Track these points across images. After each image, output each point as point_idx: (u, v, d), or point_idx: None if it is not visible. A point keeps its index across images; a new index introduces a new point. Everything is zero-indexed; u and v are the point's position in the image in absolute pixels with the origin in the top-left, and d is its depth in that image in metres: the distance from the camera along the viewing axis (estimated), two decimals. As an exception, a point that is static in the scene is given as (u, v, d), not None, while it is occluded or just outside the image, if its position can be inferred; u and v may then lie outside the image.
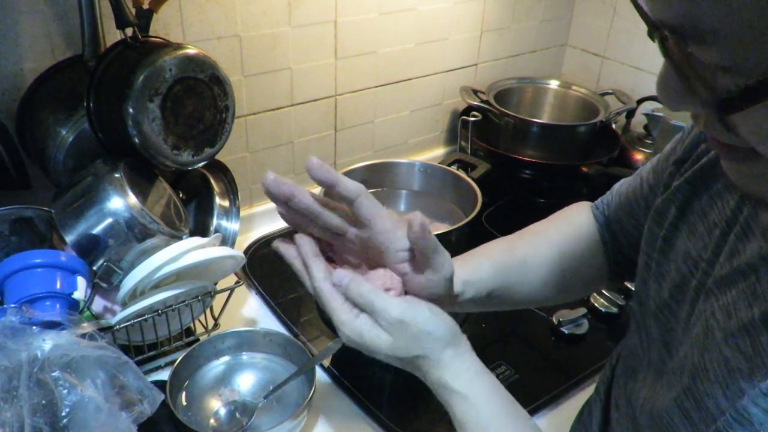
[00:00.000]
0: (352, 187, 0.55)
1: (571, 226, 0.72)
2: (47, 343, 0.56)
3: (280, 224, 1.19)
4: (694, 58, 0.32)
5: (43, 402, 0.53)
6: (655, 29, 0.33)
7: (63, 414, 0.53)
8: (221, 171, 1.04)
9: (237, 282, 0.89)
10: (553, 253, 0.68)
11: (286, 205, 0.58)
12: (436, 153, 1.43)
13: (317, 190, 1.04)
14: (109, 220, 0.77)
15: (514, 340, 0.95)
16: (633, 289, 0.67)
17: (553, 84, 1.45)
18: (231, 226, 1.04)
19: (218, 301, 0.88)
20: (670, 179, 0.57)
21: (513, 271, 0.67)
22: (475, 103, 1.32)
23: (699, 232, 0.51)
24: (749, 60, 0.30)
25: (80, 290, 0.75)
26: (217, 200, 1.03)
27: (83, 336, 0.61)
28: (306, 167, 0.55)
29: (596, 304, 0.99)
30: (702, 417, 0.42)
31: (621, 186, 0.70)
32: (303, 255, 0.57)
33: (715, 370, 0.42)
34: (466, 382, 0.55)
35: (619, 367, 0.63)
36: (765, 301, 0.40)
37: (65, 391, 0.54)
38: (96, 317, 0.78)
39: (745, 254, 0.44)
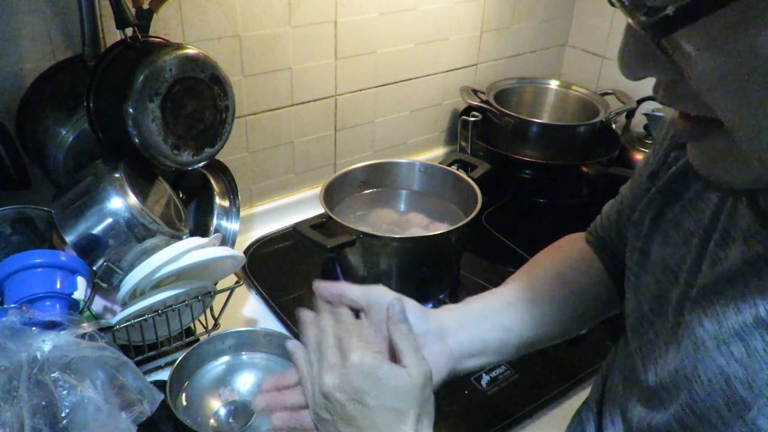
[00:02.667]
0: (359, 297, 0.64)
1: (570, 260, 0.71)
2: (46, 344, 0.56)
3: (280, 224, 1.20)
4: None
5: (43, 403, 0.53)
6: None
7: (63, 415, 0.53)
8: (221, 171, 1.04)
9: (237, 282, 0.89)
10: (559, 292, 0.68)
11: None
12: (436, 153, 1.43)
13: (317, 190, 1.04)
14: (109, 220, 0.77)
15: (514, 340, 0.95)
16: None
17: (553, 84, 1.45)
18: (231, 226, 1.04)
19: (218, 301, 0.88)
20: (645, 193, 0.57)
21: (523, 323, 0.66)
22: (475, 103, 1.32)
23: (674, 242, 0.50)
24: None
25: (80, 290, 0.75)
26: (217, 200, 1.03)
27: (83, 336, 0.61)
28: (314, 289, 0.65)
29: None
30: (707, 431, 0.41)
31: (608, 208, 0.70)
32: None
33: (711, 381, 0.41)
34: None
35: (610, 380, 0.62)
36: (755, 305, 0.39)
37: (65, 392, 0.54)
38: (96, 317, 0.78)
39: (728, 261, 0.43)
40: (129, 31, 0.81)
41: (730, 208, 0.45)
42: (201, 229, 1.02)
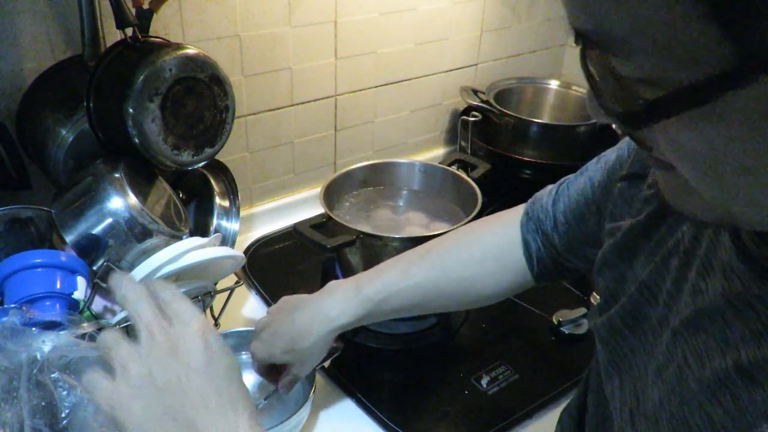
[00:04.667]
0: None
1: (493, 228, 0.75)
2: (46, 344, 0.56)
3: (280, 224, 1.20)
4: (616, 71, 0.30)
5: (43, 404, 0.53)
6: (577, 37, 0.31)
7: (63, 415, 0.53)
8: (221, 171, 1.04)
9: (237, 282, 0.88)
10: (474, 254, 0.73)
11: None
12: (436, 153, 1.43)
13: (317, 190, 1.04)
14: (109, 220, 0.77)
15: (514, 340, 0.95)
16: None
17: (553, 84, 1.45)
18: (231, 226, 1.04)
19: (218, 301, 0.88)
20: (620, 196, 0.56)
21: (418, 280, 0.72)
22: (475, 103, 1.32)
23: (654, 259, 0.49)
24: (657, 74, 0.28)
25: (80, 290, 0.75)
26: (217, 200, 1.03)
27: (83, 336, 0.61)
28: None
29: (596, 304, 0.99)
30: None
31: (567, 187, 0.69)
32: None
33: (698, 424, 0.39)
34: None
35: (590, 395, 0.62)
36: (736, 350, 0.38)
37: (64, 393, 0.54)
38: (96, 317, 0.78)
39: (708, 294, 0.41)
40: (129, 31, 0.81)
41: (712, 234, 0.43)
42: (201, 229, 1.02)
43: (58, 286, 0.73)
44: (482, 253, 0.73)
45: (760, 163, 0.29)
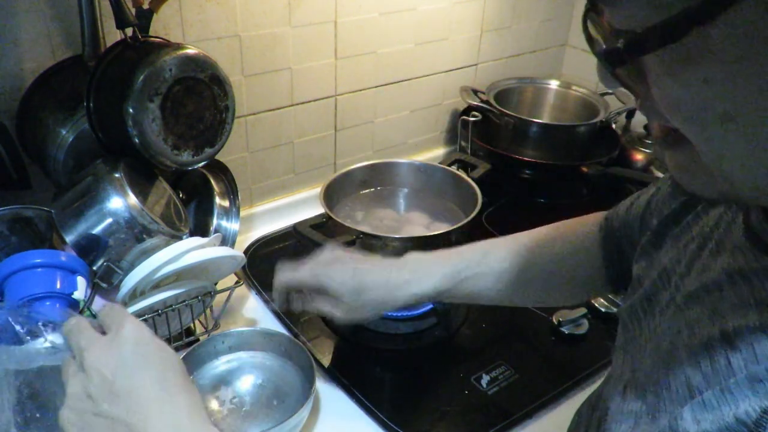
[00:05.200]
0: (308, 280, 0.77)
1: (576, 234, 0.74)
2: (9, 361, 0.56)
3: (280, 224, 1.20)
4: (611, 25, 0.33)
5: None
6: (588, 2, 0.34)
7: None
8: (221, 171, 1.04)
9: (237, 282, 0.88)
10: (544, 255, 0.72)
11: None
12: (436, 153, 1.43)
13: (317, 190, 1.04)
14: (109, 220, 0.77)
15: (514, 340, 0.95)
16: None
17: (553, 84, 1.45)
18: (231, 226, 1.04)
19: (218, 301, 0.88)
20: (664, 190, 0.58)
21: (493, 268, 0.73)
22: (475, 103, 1.32)
23: (678, 246, 0.50)
24: (639, 19, 0.30)
25: (80, 290, 0.75)
26: (217, 200, 1.03)
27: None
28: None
29: (596, 304, 0.99)
30: None
31: (638, 198, 0.69)
32: None
33: (677, 390, 0.40)
34: None
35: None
36: (725, 319, 0.39)
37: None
38: (96, 317, 0.78)
39: (713, 270, 0.43)
40: (129, 31, 0.81)
41: (730, 218, 0.45)
42: (201, 229, 1.02)
43: (58, 286, 0.73)
44: (570, 249, 0.74)
45: (740, 109, 0.30)
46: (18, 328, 0.58)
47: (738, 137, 0.31)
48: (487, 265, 0.72)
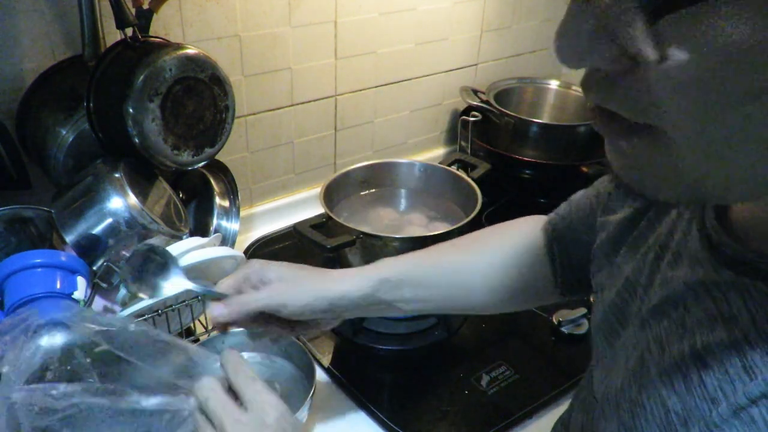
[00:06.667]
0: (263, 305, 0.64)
1: (513, 238, 0.72)
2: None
3: (280, 224, 1.20)
4: None
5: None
6: None
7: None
8: (221, 171, 1.04)
9: (237, 282, 0.88)
10: (493, 261, 0.70)
11: None
12: (436, 153, 1.43)
13: (317, 190, 1.04)
14: (109, 220, 0.77)
15: (514, 340, 0.95)
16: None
17: (553, 84, 1.45)
18: (231, 226, 1.04)
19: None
20: (615, 190, 0.56)
21: (442, 277, 0.69)
22: (475, 103, 1.32)
23: (637, 255, 0.49)
24: None
25: (80, 290, 0.75)
26: (217, 200, 1.03)
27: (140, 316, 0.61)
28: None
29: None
30: None
31: (579, 198, 0.68)
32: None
33: (653, 410, 0.40)
34: None
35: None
36: (693, 334, 0.38)
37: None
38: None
39: (674, 283, 0.42)
40: (129, 31, 0.81)
41: (685, 227, 0.44)
42: (201, 229, 1.02)
43: (58, 286, 0.73)
44: (512, 245, 0.70)
45: None
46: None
47: (758, 121, 0.28)
48: (428, 266, 0.69)
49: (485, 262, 0.70)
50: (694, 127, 0.29)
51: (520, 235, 0.72)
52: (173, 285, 0.68)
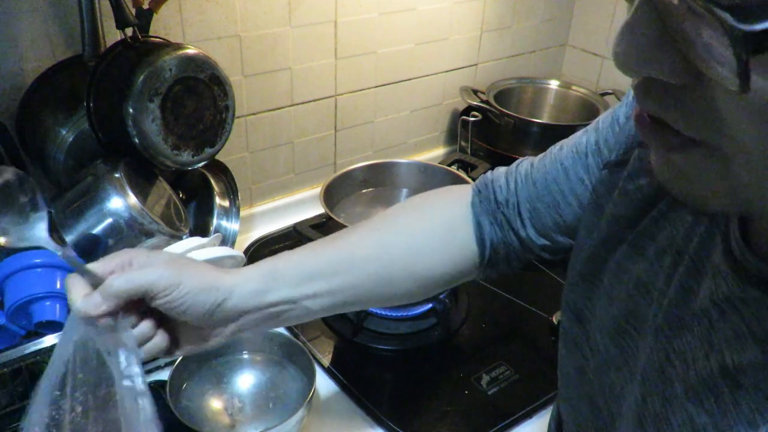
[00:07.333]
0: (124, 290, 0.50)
1: (439, 209, 0.65)
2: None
3: (280, 224, 1.20)
4: None
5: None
6: None
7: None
8: (221, 171, 1.04)
9: (237, 282, 0.88)
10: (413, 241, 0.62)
11: None
12: (436, 153, 1.43)
13: (317, 190, 1.04)
14: (109, 220, 0.77)
15: (514, 340, 0.95)
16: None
17: (553, 84, 1.45)
18: (231, 226, 1.04)
19: (218, 301, 0.88)
20: (601, 184, 0.53)
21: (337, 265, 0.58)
22: (475, 103, 1.32)
23: (647, 255, 0.47)
24: None
25: (80, 290, 0.75)
26: (217, 200, 1.03)
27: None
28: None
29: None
30: None
31: (530, 169, 0.63)
32: None
33: (680, 425, 0.39)
34: None
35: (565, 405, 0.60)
36: (721, 352, 0.37)
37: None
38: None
39: (697, 295, 0.41)
40: (129, 31, 0.81)
41: (704, 233, 0.42)
42: (201, 229, 1.02)
43: (58, 286, 0.73)
44: (431, 225, 0.63)
45: None
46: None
47: None
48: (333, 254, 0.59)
49: (414, 226, 0.63)
50: (760, 150, 0.28)
51: (452, 200, 0.66)
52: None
